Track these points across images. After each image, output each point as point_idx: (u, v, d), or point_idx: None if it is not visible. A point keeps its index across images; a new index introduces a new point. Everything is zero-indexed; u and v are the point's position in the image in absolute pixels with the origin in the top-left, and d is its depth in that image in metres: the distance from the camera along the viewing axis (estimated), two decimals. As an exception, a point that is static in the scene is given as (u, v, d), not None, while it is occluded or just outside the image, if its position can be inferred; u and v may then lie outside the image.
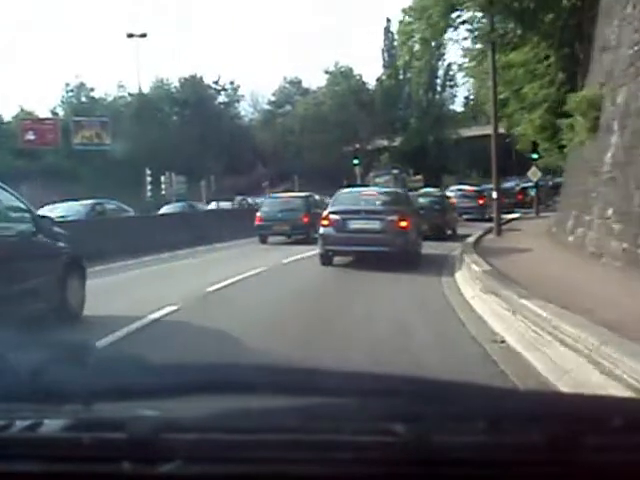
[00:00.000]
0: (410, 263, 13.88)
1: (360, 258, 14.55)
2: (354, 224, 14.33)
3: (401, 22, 27.18)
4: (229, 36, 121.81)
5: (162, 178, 43.41)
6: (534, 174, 31.89)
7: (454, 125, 71.02)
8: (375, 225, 14.32)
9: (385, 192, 17.49)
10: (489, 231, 21.59)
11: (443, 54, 74.25)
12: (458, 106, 79.09)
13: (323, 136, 63.97)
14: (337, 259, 14.99)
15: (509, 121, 30.95)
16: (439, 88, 73.32)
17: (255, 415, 1.25)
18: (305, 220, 21.79)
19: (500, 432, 1.20)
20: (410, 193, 21.17)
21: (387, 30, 78.46)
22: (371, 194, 16.35)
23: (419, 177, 55.80)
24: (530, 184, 37.49)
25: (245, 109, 74.43)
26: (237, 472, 1.17)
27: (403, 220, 14.35)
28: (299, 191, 50.58)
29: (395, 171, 50.17)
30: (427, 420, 1.20)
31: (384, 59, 77.79)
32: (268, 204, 23.80)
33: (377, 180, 49.23)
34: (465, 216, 30.68)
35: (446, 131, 69.73)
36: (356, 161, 40.19)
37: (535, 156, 30.55)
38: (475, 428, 1.18)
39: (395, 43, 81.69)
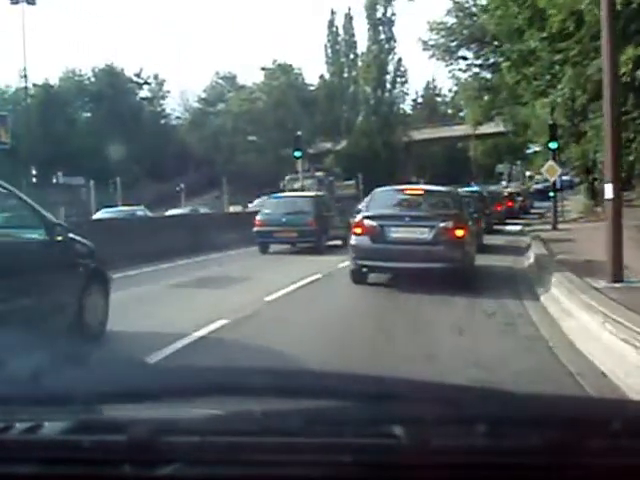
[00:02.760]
0: (467, 280, 11.57)
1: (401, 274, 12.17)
2: (396, 233, 11.87)
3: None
4: (157, 27, 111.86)
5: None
6: (551, 170, 22.38)
7: (405, 127, 67.71)
8: (424, 234, 11.72)
9: (434, 191, 14.50)
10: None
11: (393, 48, 68.47)
12: (408, 106, 71.74)
13: (259, 137, 61.71)
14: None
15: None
16: (389, 85, 64.99)
17: (255, 418, 1.26)
18: (314, 225, 19.44)
19: (500, 436, 1.22)
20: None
21: (331, 23, 71.39)
22: (417, 194, 13.51)
23: (351, 182, 48.23)
24: (512, 187, 28.47)
25: (174, 108, 70.86)
26: (237, 475, 1.20)
27: (460, 227, 11.88)
28: (228, 197, 43.45)
29: (319, 174, 40.56)
30: (427, 423, 1.23)
31: (327, 55, 70.71)
32: (270, 206, 21.13)
33: (295, 185, 40.88)
34: None
35: (397, 133, 65.88)
36: (298, 153, 30.57)
37: (554, 145, 20.97)
38: (475, 431, 1.20)
39: (340, 37, 75.30)
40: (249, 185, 50.36)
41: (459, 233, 11.82)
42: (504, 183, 66.31)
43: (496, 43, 29.97)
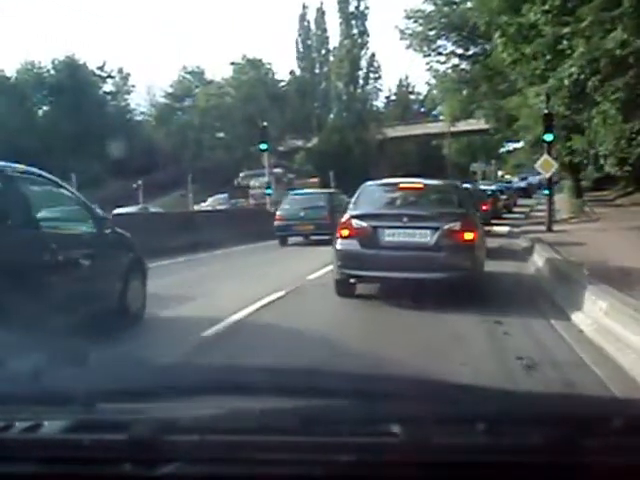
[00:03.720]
0: (475, 291, 9.77)
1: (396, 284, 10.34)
2: (391, 236, 10.09)
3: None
4: (123, 20, 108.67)
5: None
6: (546, 165, 19.89)
7: (379, 124, 66.97)
8: (425, 238, 9.96)
9: (437, 186, 12.30)
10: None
11: (366, 42, 67.22)
12: (381, 103, 70.50)
13: (227, 133, 60.93)
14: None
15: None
16: (361, 81, 63.38)
17: (255, 417, 1.28)
18: (329, 220, 19.55)
19: (499, 434, 1.23)
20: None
21: (303, 17, 69.68)
22: (416, 188, 11.47)
23: (314, 180, 45.70)
24: (494, 187, 26.17)
25: (139, 103, 69.44)
26: (237, 473, 1.22)
27: (469, 229, 10.05)
28: (194, 196, 42.08)
29: (278, 170, 37.76)
30: (426, 422, 1.25)
31: (298, 50, 68.62)
32: (289, 202, 22.47)
33: (251, 183, 36.55)
34: None
35: (370, 130, 64.95)
36: (264, 146, 27.79)
37: (549, 137, 18.52)
38: (474, 430, 1.22)
39: (311, 32, 73.45)
40: (216, 183, 49.38)
41: (468, 236, 10.09)
42: (480, 182, 64.64)
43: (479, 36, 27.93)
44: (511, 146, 71.19)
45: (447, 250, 9.93)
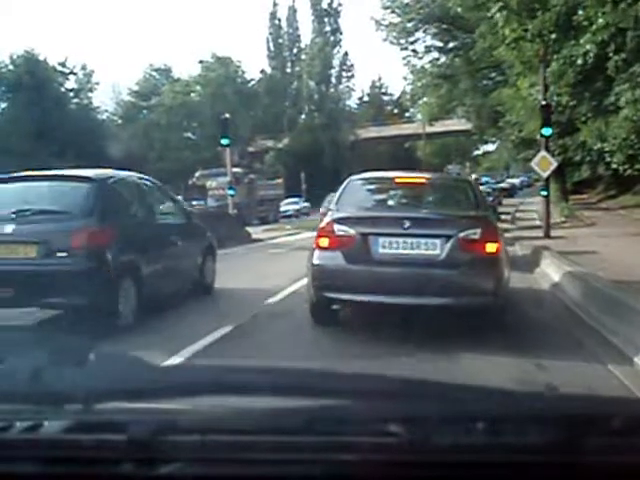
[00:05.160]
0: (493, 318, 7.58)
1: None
2: (387, 247, 7.55)
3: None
4: (89, 16, 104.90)
5: None
6: (544, 163, 17.37)
7: (352, 124, 65.85)
8: (433, 249, 7.44)
9: (444, 181, 10.69)
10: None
11: (339, 40, 65.77)
12: (354, 104, 69.24)
13: (195, 132, 59.66)
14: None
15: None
16: (334, 80, 61.69)
17: (255, 417, 1.28)
18: None
19: (499, 434, 1.24)
20: None
21: (273, 15, 67.73)
22: (417, 183, 9.18)
23: (279, 181, 42.42)
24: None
25: (103, 101, 65.50)
26: (237, 473, 1.22)
27: (492, 239, 7.55)
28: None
29: (237, 170, 35.16)
30: (427, 422, 1.25)
31: (269, 49, 66.37)
32: None
33: (208, 183, 37.18)
34: None
35: (342, 131, 63.91)
36: (225, 141, 24.90)
37: (547, 131, 16.06)
38: (474, 429, 1.22)
39: (283, 31, 71.48)
40: (183, 184, 46.36)
41: (491, 248, 7.58)
42: None
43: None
44: (485, 149, 70.52)
45: (463, 267, 7.49)
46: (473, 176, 38.59)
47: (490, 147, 64.43)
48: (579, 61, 15.04)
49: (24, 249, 7.64)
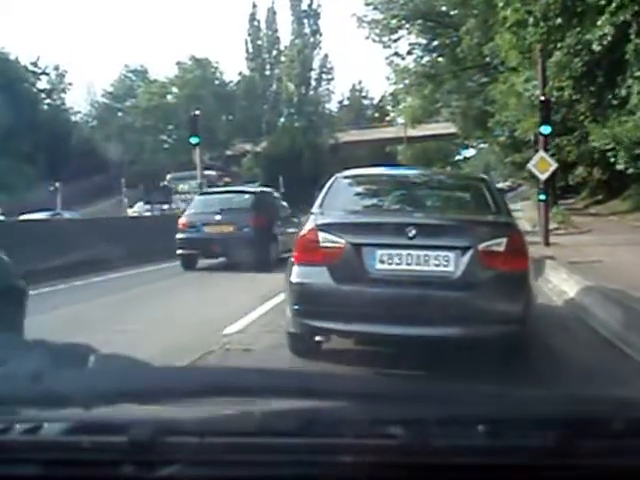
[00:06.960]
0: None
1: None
2: (386, 260, 5.95)
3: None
4: (63, 16, 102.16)
5: None
6: (543, 164, 15.69)
7: (331, 128, 64.43)
8: (446, 264, 5.86)
9: (455, 179, 9.15)
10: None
11: (319, 42, 64.45)
12: (334, 107, 68.07)
13: (170, 135, 58.09)
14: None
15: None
16: (314, 82, 60.15)
17: (255, 418, 1.27)
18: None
19: (500, 436, 1.23)
20: None
21: (253, 17, 66.33)
22: (421, 182, 7.80)
23: (257, 184, 40.86)
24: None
25: (76, 102, 66.39)
26: (237, 475, 1.23)
27: (519, 252, 6.02)
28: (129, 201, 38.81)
29: (210, 173, 33.44)
30: (426, 423, 1.24)
31: (248, 51, 65.51)
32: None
33: (180, 186, 37.34)
34: None
35: (322, 134, 62.97)
36: (195, 139, 23.13)
37: (546, 130, 14.40)
38: (474, 431, 1.22)
39: (262, 33, 70.14)
40: (157, 187, 45.54)
41: (519, 264, 6.12)
42: None
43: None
44: (465, 154, 69.78)
45: (484, 287, 5.92)
46: None
47: (471, 152, 63.76)
48: (594, 46, 13.34)
49: (227, 227, 14.79)
